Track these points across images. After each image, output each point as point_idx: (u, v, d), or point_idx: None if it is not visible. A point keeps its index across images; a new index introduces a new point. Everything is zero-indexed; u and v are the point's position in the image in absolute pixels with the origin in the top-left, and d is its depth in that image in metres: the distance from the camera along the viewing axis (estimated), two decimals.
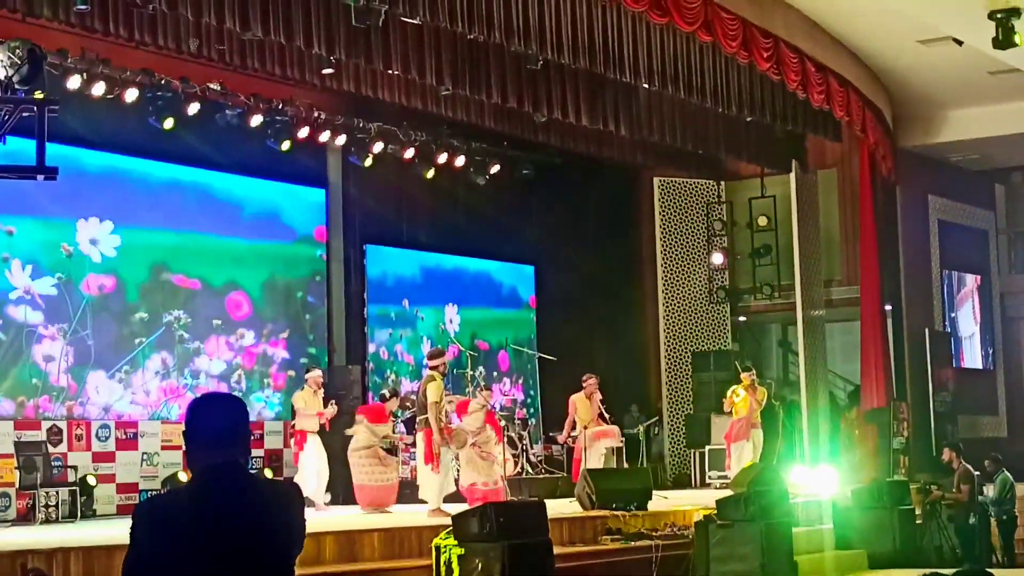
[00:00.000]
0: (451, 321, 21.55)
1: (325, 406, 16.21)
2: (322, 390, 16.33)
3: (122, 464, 16.77)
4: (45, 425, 16.04)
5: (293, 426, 16.27)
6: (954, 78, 20.30)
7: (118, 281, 17.16)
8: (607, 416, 18.05)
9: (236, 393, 18.03)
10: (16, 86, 9.45)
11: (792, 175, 20.96)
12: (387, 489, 15.86)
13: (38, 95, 9.45)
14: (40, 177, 9.71)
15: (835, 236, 22.89)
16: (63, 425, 16.25)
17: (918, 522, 17.03)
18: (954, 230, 24.50)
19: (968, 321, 25.00)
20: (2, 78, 9.51)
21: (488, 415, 15.97)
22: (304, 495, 4.59)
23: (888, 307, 22.11)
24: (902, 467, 20.81)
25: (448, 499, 14.81)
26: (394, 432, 18.43)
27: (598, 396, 17.95)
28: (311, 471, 15.90)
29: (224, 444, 4.29)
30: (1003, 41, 15.52)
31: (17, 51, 9.28)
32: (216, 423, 4.31)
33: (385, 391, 17.17)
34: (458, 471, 15.58)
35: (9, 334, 15.96)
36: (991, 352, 25.59)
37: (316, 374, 16.57)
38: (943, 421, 22.69)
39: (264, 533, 4.21)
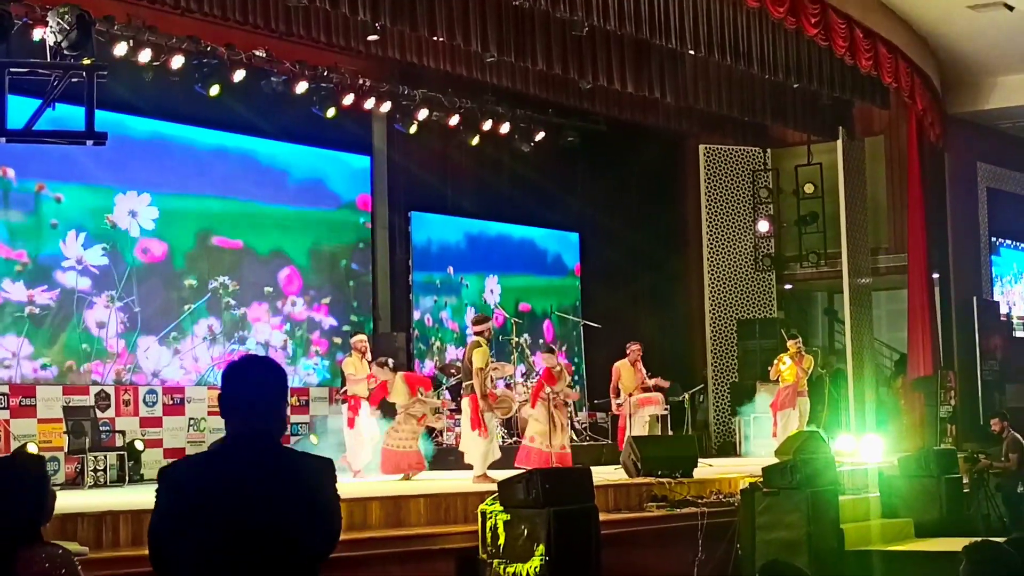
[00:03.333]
0: (492, 292, 21.51)
1: (370, 369, 15.98)
2: (368, 354, 16.13)
3: (169, 429, 16.88)
4: (93, 390, 16.17)
5: (344, 392, 16.10)
6: (1004, 43, 20.08)
7: (166, 248, 17.24)
8: (651, 384, 18.03)
9: (282, 360, 18.13)
10: (65, 52, 9.47)
11: (839, 142, 20.84)
12: (410, 456, 15.57)
13: (87, 61, 9.46)
14: (89, 142, 9.73)
15: (882, 204, 22.73)
16: (111, 390, 16.37)
17: (965, 491, 16.93)
18: (1003, 197, 24.27)
19: None
20: (51, 44, 9.54)
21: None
22: (339, 470, 4.44)
23: (936, 275, 21.94)
24: (949, 436, 20.70)
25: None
26: (439, 398, 18.45)
27: (640, 364, 17.92)
28: (366, 437, 15.82)
29: (255, 413, 4.20)
30: None
31: (66, 17, 9.30)
32: (248, 390, 4.23)
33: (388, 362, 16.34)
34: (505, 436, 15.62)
35: (59, 300, 16.08)
36: None
37: (359, 338, 16.35)
38: (991, 390, 22.53)
39: (282, 508, 4.09)
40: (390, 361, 16.22)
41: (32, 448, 14.86)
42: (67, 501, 11.87)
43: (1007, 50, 20.44)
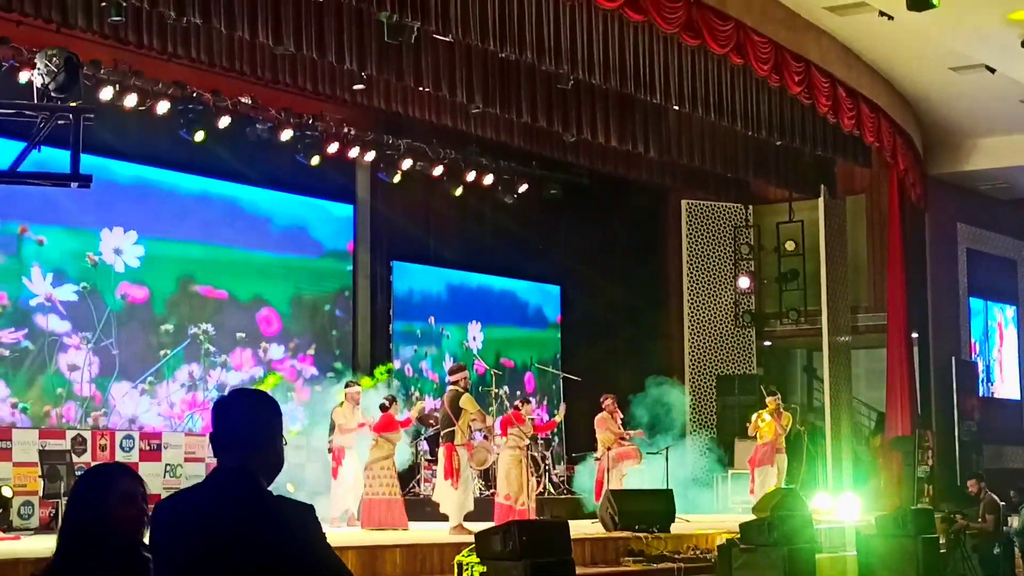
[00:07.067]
0: (474, 339, 21.53)
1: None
2: (360, 406, 16.09)
3: (145, 475, 16.37)
4: (70, 434, 16.07)
5: (331, 442, 16.03)
6: (985, 106, 20.24)
7: (146, 292, 17.22)
8: (628, 435, 18.01)
9: None
10: (52, 94, 9.49)
11: (820, 200, 20.90)
12: (399, 505, 15.37)
13: (74, 103, 9.48)
14: (74, 184, 9.74)
15: (862, 262, 22.81)
16: (87, 435, 16.28)
17: (942, 551, 16.89)
18: (983, 258, 24.40)
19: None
20: (39, 85, 9.56)
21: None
22: (328, 515, 4.32)
23: (915, 335, 21.99)
24: (926, 496, 20.69)
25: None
26: (417, 450, 18.40)
27: (619, 415, 17.92)
28: (348, 487, 15.75)
29: (231, 447, 4.04)
30: None
31: (54, 59, 9.32)
32: (225, 423, 4.08)
33: (384, 400, 16.39)
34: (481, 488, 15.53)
35: (36, 343, 16.02)
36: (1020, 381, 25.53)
37: (355, 390, 16.18)
38: (968, 450, 22.55)
39: (250, 548, 3.90)
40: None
41: (6, 492, 14.77)
42: (41, 545, 11.80)
43: (988, 112, 20.60)
